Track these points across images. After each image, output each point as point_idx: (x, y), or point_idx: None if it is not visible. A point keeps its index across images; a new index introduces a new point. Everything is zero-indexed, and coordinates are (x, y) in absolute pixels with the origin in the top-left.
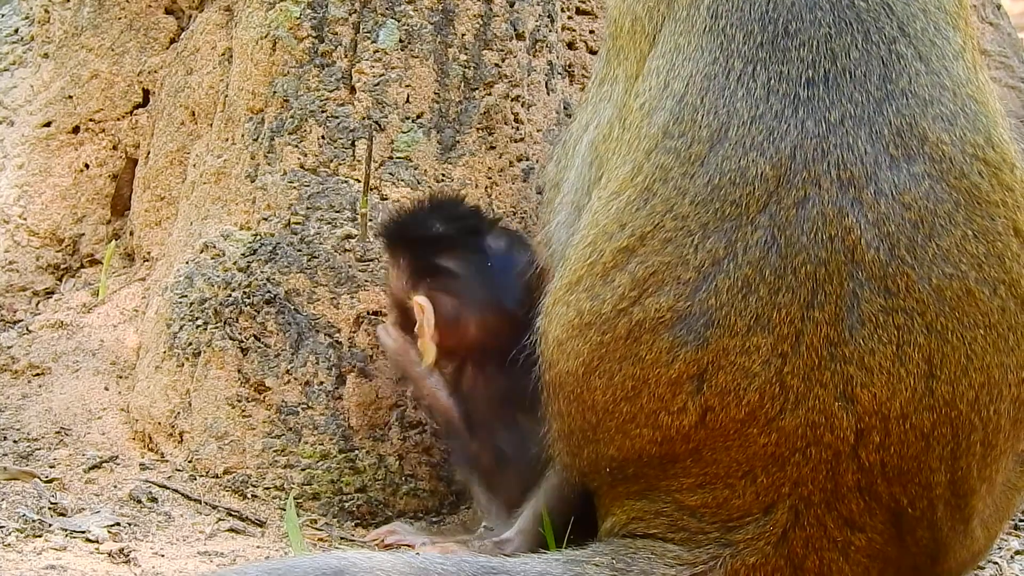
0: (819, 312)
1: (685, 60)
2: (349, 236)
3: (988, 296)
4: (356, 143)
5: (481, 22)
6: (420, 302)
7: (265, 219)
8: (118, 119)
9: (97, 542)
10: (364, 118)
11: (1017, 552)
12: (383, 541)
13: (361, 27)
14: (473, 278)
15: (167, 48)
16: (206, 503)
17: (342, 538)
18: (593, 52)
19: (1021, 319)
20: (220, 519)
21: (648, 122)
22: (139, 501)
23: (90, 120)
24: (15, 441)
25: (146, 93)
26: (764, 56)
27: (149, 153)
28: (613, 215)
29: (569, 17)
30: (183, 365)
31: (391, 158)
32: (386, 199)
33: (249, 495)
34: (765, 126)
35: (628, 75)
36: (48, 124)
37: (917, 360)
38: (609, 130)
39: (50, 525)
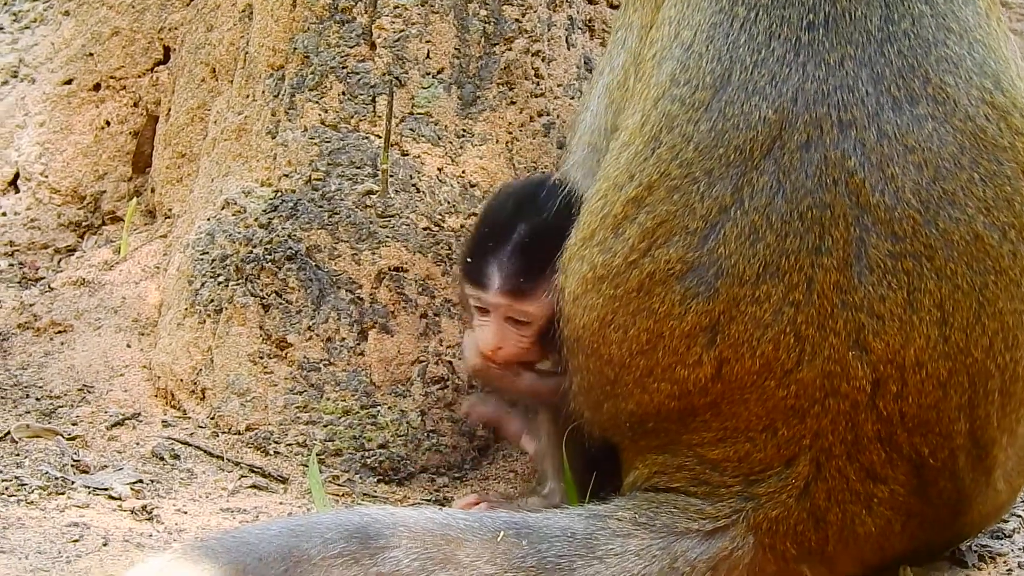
0: (827, 258)
1: (694, 10)
2: (370, 192)
3: (998, 241)
4: (376, 99)
5: None
6: None
7: (286, 175)
8: (139, 76)
9: (120, 499)
10: (384, 74)
11: None
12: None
13: None
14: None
15: (187, 4)
16: (228, 460)
17: (364, 494)
18: (614, 7)
19: None
20: (242, 476)
21: (657, 72)
22: (161, 458)
23: (111, 77)
24: (38, 399)
25: (167, 50)
26: (767, 2)
27: (170, 110)
28: (623, 166)
29: None
30: (205, 322)
31: (411, 114)
32: (407, 155)
33: (271, 452)
34: (767, 70)
35: (643, 23)
36: (69, 82)
37: (929, 307)
38: (624, 77)
39: (73, 483)
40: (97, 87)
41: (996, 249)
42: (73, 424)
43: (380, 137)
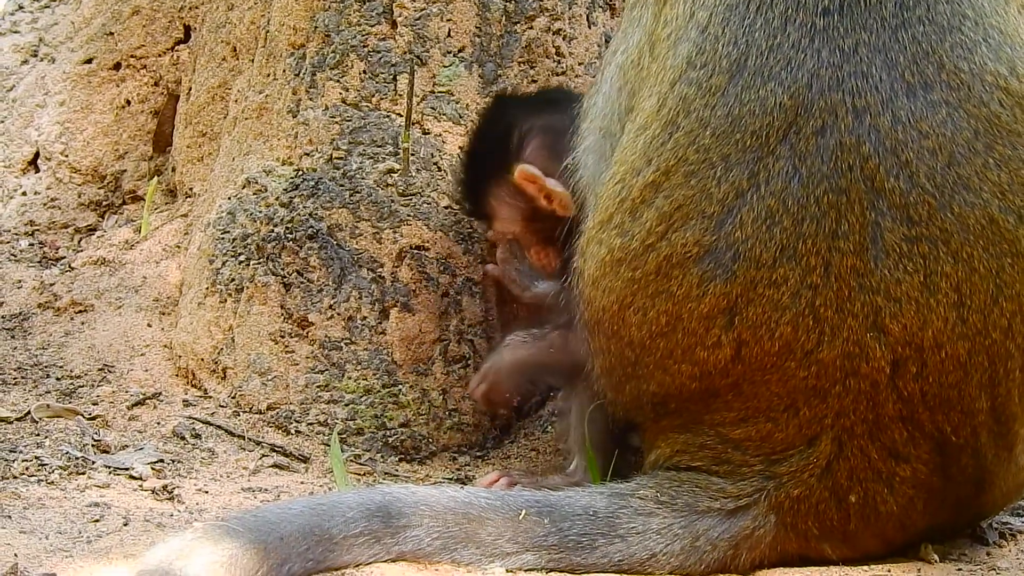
0: (844, 242)
1: None
2: (391, 171)
3: (1014, 224)
4: (398, 77)
5: None
6: (523, 169)
7: (307, 154)
8: (159, 55)
9: (141, 479)
10: (406, 52)
11: None
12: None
13: None
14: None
15: None
16: (250, 439)
17: (386, 473)
18: None
19: None
20: (264, 455)
21: (673, 53)
22: (182, 438)
23: (131, 56)
24: (58, 378)
25: (187, 29)
26: None
27: (191, 89)
28: (640, 150)
29: None
30: (226, 301)
31: (433, 92)
32: (428, 133)
33: (293, 431)
34: (782, 55)
35: (657, 0)
36: (89, 61)
37: (946, 289)
38: (638, 56)
39: (93, 462)
40: (117, 66)
41: (1012, 232)
42: (94, 404)
43: (401, 116)
